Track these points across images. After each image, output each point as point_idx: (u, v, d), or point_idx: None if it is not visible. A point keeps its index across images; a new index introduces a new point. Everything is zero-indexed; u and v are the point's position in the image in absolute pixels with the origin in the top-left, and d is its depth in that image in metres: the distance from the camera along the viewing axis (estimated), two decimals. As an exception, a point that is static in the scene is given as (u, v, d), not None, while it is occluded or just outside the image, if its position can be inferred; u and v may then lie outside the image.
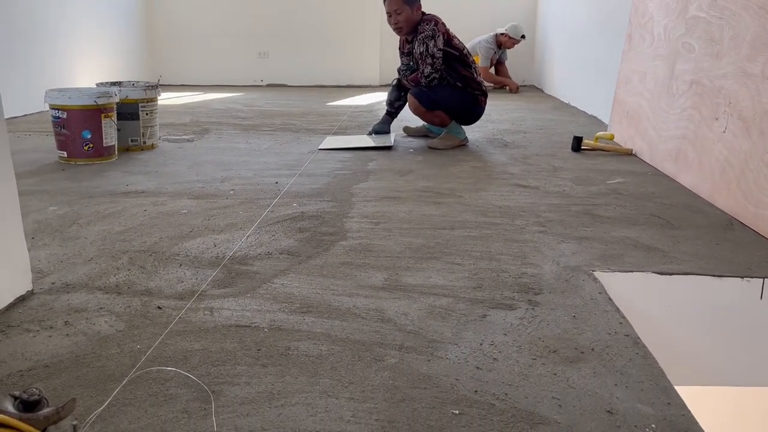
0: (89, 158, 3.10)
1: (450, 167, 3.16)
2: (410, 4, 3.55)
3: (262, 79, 7.52)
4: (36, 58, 4.95)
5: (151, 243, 1.97)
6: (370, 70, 7.46)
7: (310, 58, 7.43)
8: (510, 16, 7.21)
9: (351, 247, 1.96)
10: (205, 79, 7.47)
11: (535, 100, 6.12)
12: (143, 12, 7.16)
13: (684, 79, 2.84)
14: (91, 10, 5.89)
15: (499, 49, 6.88)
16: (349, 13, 7.24)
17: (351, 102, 5.98)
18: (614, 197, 2.56)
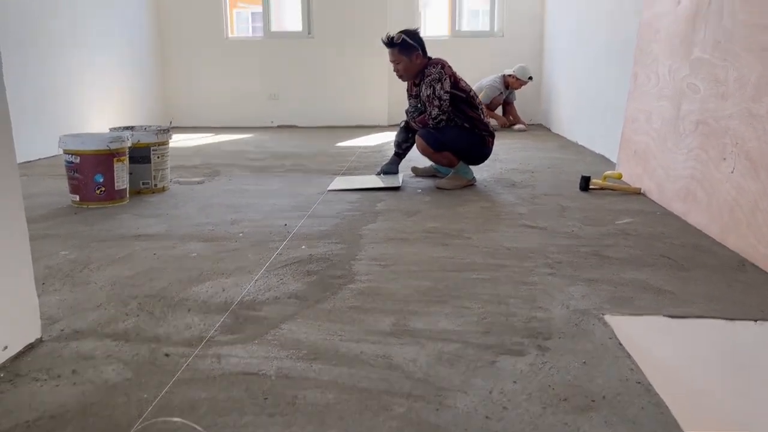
0: (101, 202, 3.14)
1: (458, 207, 3.17)
2: (408, 53, 3.63)
3: (273, 121, 7.63)
4: (51, 103, 5.06)
5: (160, 288, 1.98)
6: (378, 110, 7.56)
7: (319, 99, 7.55)
8: (516, 56, 7.31)
9: (359, 290, 1.95)
10: (216, 121, 7.59)
11: (542, 138, 6.16)
12: (157, 56, 7.33)
13: (690, 120, 2.85)
14: (106, 56, 6.04)
15: (507, 90, 6.97)
16: (358, 55, 7.37)
17: (360, 142, 6.05)
18: (623, 238, 2.55)
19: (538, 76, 7.31)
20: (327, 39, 7.43)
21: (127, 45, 6.56)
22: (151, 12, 7.17)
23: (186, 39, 7.44)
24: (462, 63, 6.55)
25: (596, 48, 5.15)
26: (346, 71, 7.48)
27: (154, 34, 7.28)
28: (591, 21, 5.33)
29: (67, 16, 5.33)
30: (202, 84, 7.55)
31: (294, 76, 7.53)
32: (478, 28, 13.54)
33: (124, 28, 6.48)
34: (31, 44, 4.80)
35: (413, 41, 3.64)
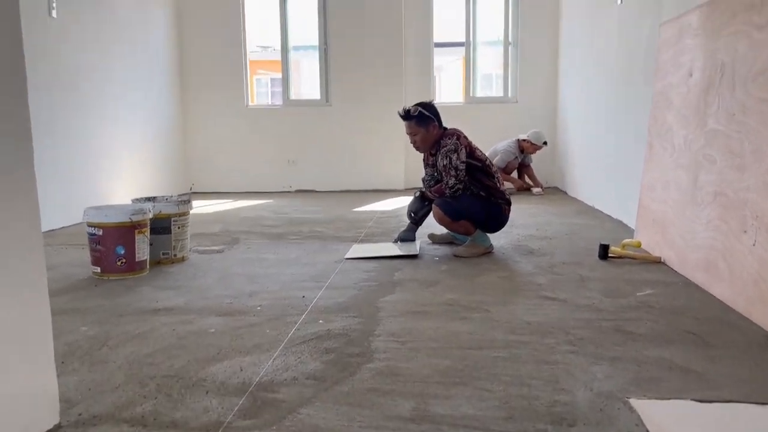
0: (122, 273, 3.17)
1: (476, 278, 3.16)
2: (425, 125, 3.71)
3: (291, 186, 7.74)
4: (75, 171, 5.19)
5: (178, 367, 1.97)
6: (395, 175, 7.66)
7: (337, 164, 7.68)
8: (530, 121, 7.42)
9: (378, 370, 1.93)
10: (235, 186, 7.72)
11: (558, 203, 6.17)
12: (179, 124, 7.54)
13: (708, 190, 2.85)
14: (130, 126, 6.22)
15: (522, 154, 7.05)
16: (374, 121, 7.52)
17: (377, 207, 6.09)
18: (645, 311, 2.51)
19: (553, 139, 7.39)
20: (344, 106, 7.61)
21: (151, 114, 6.76)
22: (174, 82, 7.42)
23: (208, 108, 7.66)
24: (476, 128, 6.67)
25: (608, 114, 5.21)
26: (363, 137, 7.62)
27: (177, 103, 7.51)
28: (603, 88, 5.42)
29: (93, 87, 5.53)
30: (222, 150, 7.72)
31: (312, 142, 7.68)
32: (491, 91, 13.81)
33: (148, 99, 6.69)
34: (58, 113, 4.97)
35: (429, 113, 3.72)
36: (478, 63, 7.91)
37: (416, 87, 7.59)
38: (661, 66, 3.64)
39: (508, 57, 7.77)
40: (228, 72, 7.64)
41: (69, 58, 5.15)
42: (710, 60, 2.96)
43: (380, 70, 7.52)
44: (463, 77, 7.93)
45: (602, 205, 5.41)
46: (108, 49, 5.80)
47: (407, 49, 7.60)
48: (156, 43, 6.95)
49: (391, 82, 7.53)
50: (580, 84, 6.39)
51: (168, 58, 7.26)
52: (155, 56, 6.93)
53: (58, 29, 4.99)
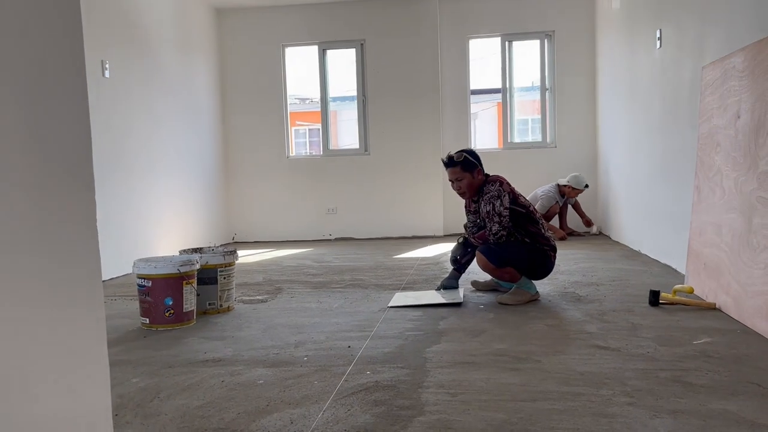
0: (170, 324, 3.21)
1: (524, 326, 3.09)
2: (470, 170, 3.71)
3: (331, 234, 7.80)
4: (123, 224, 5.35)
5: (229, 419, 1.97)
6: (434, 221, 7.66)
7: (375, 211, 7.73)
8: (570, 165, 7.37)
9: (429, 423, 1.89)
10: (276, 235, 7.82)
11: (603, 247, 6.06)
12: (223, 176, 7.73)
13: (764, 234, 2.76)
14: (177, 180, 6.41)
15: (562, 198, 6.99)
16: (413, 168, 7.59)
17: (417, 254, 6.08)
18: (704, 360, 2.42)
19: (594, 183, 7.32)
20: (382, 155, 7.71)
21: (195, 166, 6.96)
22: (217, 135, 7.65)
23: (250, 159, 7.86)
24: (515, 174, 6.65)
25: (652, 157, 5.15)
26: (402, 184, 7.68)
27: (222, 156, 7.72)
28: (645, 132, 5.37)
29: (140, 139, 5.73)
30: (263, 200, 7.87)
31: (351, 191, 7.77)
32: (527, 136, 13.83)
33: (192, 151, 6.90)
34: (106, 166, 5.15)
35: (473, 159, 3.73)
36: (515, 109, 7.94)
37: (453, 134, 7.65)
38: (706, 109, 3.60)
39: (545, 102, 7.80)
40: (269, 124, 7.85)
41: (119, 115, 5.37)
42: (759, 101, 2.91)
43: (418, 118, 7.62)
44: (499, 123, 7.97)
45: (648, 249, 5.29)
46: (155, 106, 6.04)
47: (444, 97, 7.70)
48: (200, 97, 7.20)
49: (429, 129, 7.61)
50: (620, 127, 6.35)
51: (212, 111, 7.50)
52: (199, 110, 7.17)
53: (111, 89, 5.23)
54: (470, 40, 7.77)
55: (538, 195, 6.94)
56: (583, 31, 7.47)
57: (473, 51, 7.86)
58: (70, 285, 1.42)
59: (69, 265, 1.42)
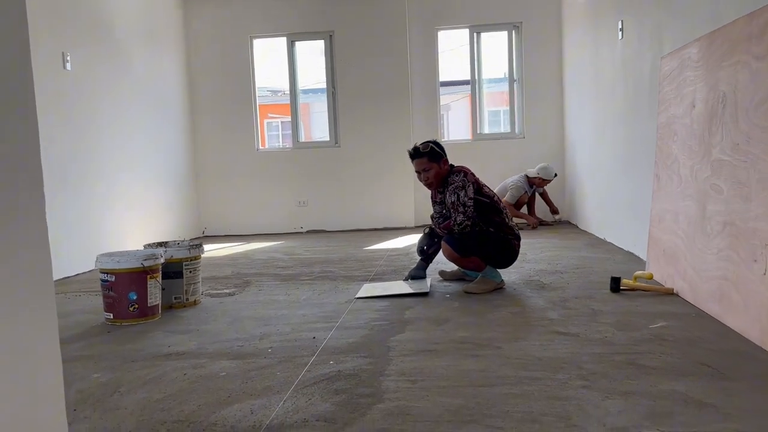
0: (134, 319, 3.19)
1: (487, 314, 3.14)
2: (437, 160, 3.75)
3: (302, 226, 7.79)
4: (88, 220, 5.28)
5: (189, 412, 1.97)
6: (405, 213, 7.69)
7: (347, 204, 7.73)
8: (538, 155, 7.46)
9: (388, 410, 1.92)
10: (247, 229, 7.78)
11: (569, 236, 6.15)
12: (191, 170, 7.66)
13: (717, 220, 2.84)
14: (144, 173, 6.34)
15: (531, 188, 7.07)
16: (383, 160, 7.60)
17: (387, 245, 6.11)
18: (659, 344, 2.48)
19: (561, 173, 7.41)
20: (353, 147, 7.70)
21: (164, 161, 6.89)
22: (185, 128, 7.57)
23: (219, 152, 7.79)
24: (485, 164, 6.73)
25: (616, 147, 5.24)
26: (373, 176, 7.69)
27: (190, 149, 7.64)
28: (609, 121, 5.46)
29: (105, 133, 5.65)
30: (234, 194, 7.82)
31: (322, 183, 7.76)
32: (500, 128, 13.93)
33: (159, 145, 6.82)
34: (71, 161, 5.07)
35: (439, 149, 3.76)
36: (484, 100, 8.00)
37: (423, 126, 7.68)
38: (664, 99, 3.68)
39: (513, 93, 7.87)
40: (238, 116, 7.79)
41: (83, 108, 5.29)
42: (712, 91, 2.99)
43: (387, 110, 7.63)
44: (470, 113, 8.02)
45: (613, 237, 5.39)
46: (120, 99, 5.96)
47: (413, 89, 7.72)
48: (167, 90, 7.12)
49: (399, 121, 7.63)
50: (586, 118, 6.44)
51: (179, 103, 7.42)
52: (166, 102, 7.09)
53: (73, 81, 5.14)
54: (439, 32, 7.79)
55: (507, 185, 7.01)
56: (550, 22, 7.54)
57: (442, 42, 7.90)
58: (17, 284, 1.41)
59: (16, 263, 1.40)
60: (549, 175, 6.95)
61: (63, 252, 4.71)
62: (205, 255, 5.66)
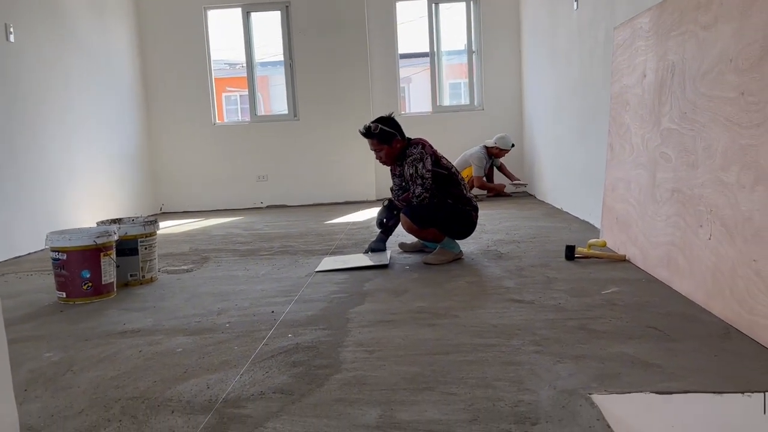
0: (88, 297, 3.13)
1: (445, 284, 3.18)
2: (387, 142, 3.73)
3: (262, 201, 7.72)
4: (39, 198, 5.12)
5: (144, 388, 1.95)
6: (366, 186, 7.68)
7: (307, 178, 7.68)
8: (497, 127, 7.51)
9: (345, 380, 1.93)
10: (206, 205, 7.68)
11: (527, 206, 6.24)
12: (146, 144, 7.48)
13: (666, 188, 2.92)
14: (95, 147, 6.16)
15: (490, 159, 7.13)
16: (343, 133, 7.55)
17: (348, 219, 6.10)
18: (609, 309, 2.56)
19: (520, 144, 7.49)
20: (312, 120, 7.63)
21: (117, 136, 6.70)
22: (138, 102, 7.37)
23: (174, 126, 7.62)
24: (445, 137, 6.75)
25: (572, 117, 5.31)
26: (333, 150, 7.64)
27: (144, 124, 7.45)
28: (565, 92, 5.52)
29: (55, 108, 5.47)
30: (191, 169, 7.68)
31: (281, 157, 7.68)
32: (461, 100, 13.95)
33: (111, 119, 6.63)
34: (18, 136, 4.90)
35: (390, 128, 3.73)
36: (443, 72, 7.99)
37: (383, 98, 7.64)
38: (617, 68, 3.73)
39: (472, 65, 7.87)
40: (193, 90, 7.62)
41: (29, 82, 5.10)
42: (662, 61, 3.04)
43: (347, 83, 7.56)
44: (430, 86, 8.00)
45: (569, 207, 5.49)
46: (69, 72, 5.75)
47: (373, 62, 7.65)
48: (118, 62, 6.90)
49: (358, 94, 7.58)
50: (543, 89, 6.50)
51: (130, 77, 7.21)
52: (118, 75, 6.88)
53: (17, 54, 4.94)
54: (397, 3, 7.71)
55: (468, 158, 7.05)
56: (508, -7, 7.53)
57: (401, 14, 7.83)
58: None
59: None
60: (506, 145, 7.01)
61: (14, 231, 4.58)
62: (163, 232, 5.58)
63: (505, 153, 7.12)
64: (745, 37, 2.25)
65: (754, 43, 2.18)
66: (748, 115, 2.20)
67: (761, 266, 2.06)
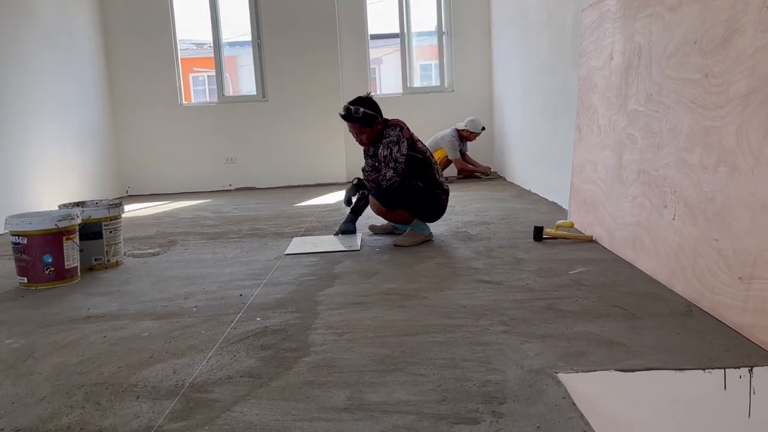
0: (51, 282, 3.06)
1: (415, 266, 3.18)
2: (370, 125, 3.68)
3: (231, 184, 7.62)
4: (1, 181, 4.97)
5: (108, 374, 1.92)
6: (336, 168, 7.64)
7: (277, 160, 7.60)
8: (468, 109, 7.51)
9: (314, 363, 1.93)
10: (173, 187, 7.56)
11: (497, 188, 6.28)
12: (110, 126, 7.30)
13: (632, 169, 2.95)
14: (57, 128, 5.99)
15: (462, 142, 7.14)
16: (313, 115, 7.48)
17: (319, 201, 6.07)
18: (576, 289, 2.59)
19: (490, 126, 7.51)
20: (281, 101, 7.54)
21: (79, 118, 6.53)
22: (102, 82, 7.18)
23: (140, 108, 7.45)
24: (415, 118, 6.71)
25: (542, 99, 5.33)
26: (303, 131, 7.57)
27: (108, 105, 7.27)
28: (534, 74, 5.54)
29: (10, 86, 5.29)
30: (157, 151, 7.54)
31: (250, 139, 7.58)
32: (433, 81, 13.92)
33: (75, 99, 6.46)
34: (-22, 122, 4.74)
35: (371, 110, 3.68)
36: (413, 53, 7.95)
37: (354, 79, 7.58)
38: (585, 50, 3.75)
39: (442, 46, 7.85)
40: (159, 70, 7.45)
41: (-15, 60, 4.92)
42: (629, 43, 3.06)
43: (316, 63, 7.47)
44: (401, 67, 7.96)
45: (538, 188, 5.54)
46: (25, 51, 5.57)
47: (342, 42, 7.57)
48: (78, 41, 6.70)
49: (328, 75, 7.50)
50: (513, 71, 6.51)
51: (93, 56, 7.01)
52: (79, 55, 6.68)
53: (-28, 31, 4.76)
54: (367, -18, 7.63)
55: (440, 141, 7.05)
56: (478, -26, 7.50)
57: (371, -7, 7.74)
58: None
59: None
60: (476, 128, 7.03)
61: (-29, 215, 4.44)
62: (129, 215, 5.48)
63: (476, 136, 7.13)
64: (709, 19, 2.27)
65: (717, 25, 2.20)
66: (711, 96, 2.23)
67: (722, 246, 2.10)
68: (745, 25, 2.03)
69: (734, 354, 1.83)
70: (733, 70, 2.09)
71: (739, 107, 2.04)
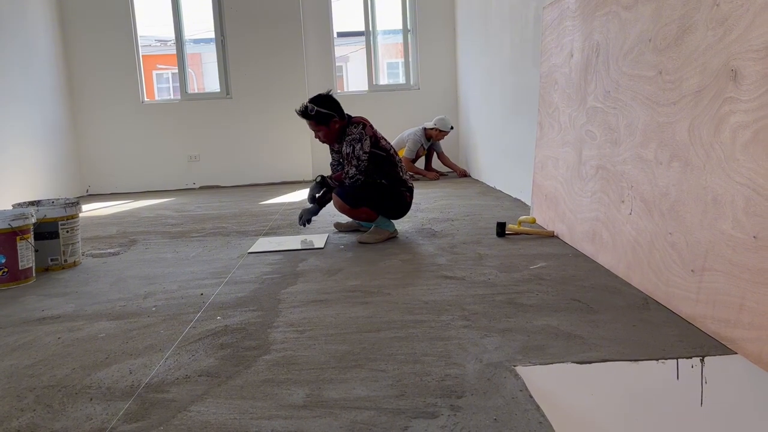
0: (4, 283, 2.98)
1: (379, 262, 3.18)
2: (325, 123, 3.65)
3: (195, 182, 7.52)
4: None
5: (61, 376, 1.87)
6: (302, 165, 7.60)
7: (242, 158, 7.52)
8: (433, 107, 7.54)
9: (274, 361, 1.91)
10: (135, 186, 7.42)
11: (462, 185, 6.32)
12: (70, 123, 7.13)
13: (591, 164, 3.00)
14: (12, 124, 5.83)
15: (428, 142, 7.13)
16: (278, 112, 7.42)
17: (284, 199, 6.03)
18: (537, 283, 2.62)
19: (456, 124, 7.55)
20: (246, 99, 7.46)
21: (36, 116, 6.36)
22: (60, 78, 7.01)
23: (100, 105, 7.30)
24: (381, 116, 6.71)
25: (504, 96, 5.38)
26: (268, 129, 7.50)
27: (67, 103, 7.10)
28: (498, 71, 5.58)
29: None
30: (118, 149, 7.39)
31: (214, 137, 7.49)
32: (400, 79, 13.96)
33: (32, 99, 6.29)
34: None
35: (328, 109, 3.65)
36: (379, 51, 7.95)
37: (319, 76, 7.54)
38: (546, 48, 3.79)
39: (408, 44, 7.86)
40: (120, 67, 7.31)
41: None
42: (587, 41, 3.11)
43: (280, 60, 7.42)
44: (366, 65, 7.95)
45: (502, 185, 5.59)
46: (-19, 46, 5.40)
47: (308, 39, 7.53)
48: (34, 36, 6.52)
49: (293, 72, 7.45)
50: (477, 68, 6.55)
51: (50, 52, 6.84)
52: (34, 50, 6.50)
53: None
54: (332, -21, 7.60)
55: (404, 139, 7.05)
56: (443, -28, 7.53)
57: (336, -10, 7.71)
58: None
59: None
60: (445, 127, 7.04)
61: None
62: (89, 214, 5.37)
63: (444, 135, 7.13)
64: (663, 17, 2.32)
65: (671, 23, 2.25)
66: (665, 93, 2.27)
67: (676, 239, 2.15)
68: (697, 23, 2.08)
69: (687, 344, 1.87)
70: (686, 67, 2.14)
71: (691, 103, 2.09)
